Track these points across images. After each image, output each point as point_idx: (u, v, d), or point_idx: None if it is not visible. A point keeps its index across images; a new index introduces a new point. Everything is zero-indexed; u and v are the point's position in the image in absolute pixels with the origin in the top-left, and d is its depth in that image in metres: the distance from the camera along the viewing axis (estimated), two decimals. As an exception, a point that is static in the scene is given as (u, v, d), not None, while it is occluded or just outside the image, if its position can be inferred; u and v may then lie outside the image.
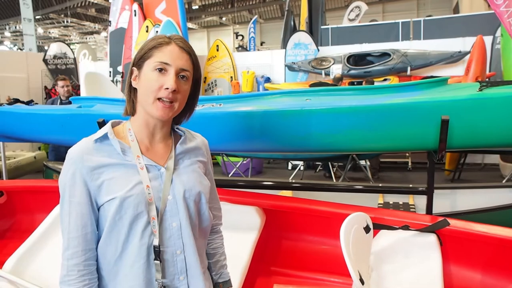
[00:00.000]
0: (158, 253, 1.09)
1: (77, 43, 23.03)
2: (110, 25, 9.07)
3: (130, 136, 1.14)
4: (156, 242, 1.09)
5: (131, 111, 1.17)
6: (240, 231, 2.14)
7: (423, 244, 1.86)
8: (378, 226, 1.88)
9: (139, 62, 1.13)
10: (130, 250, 1.09)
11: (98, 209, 1.10)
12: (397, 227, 1.89)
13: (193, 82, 1.19)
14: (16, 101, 2.51)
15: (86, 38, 24.23)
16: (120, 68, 8.60)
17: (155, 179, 1.12)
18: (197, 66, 1.19)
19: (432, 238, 1.86)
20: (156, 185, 1.11)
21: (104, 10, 22.58)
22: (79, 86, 8.88)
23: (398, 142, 1.99)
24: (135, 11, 8.36)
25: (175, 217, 1.12)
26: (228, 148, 2.22)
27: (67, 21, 22.15)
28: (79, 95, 7.85)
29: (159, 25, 7.71)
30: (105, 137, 1.12)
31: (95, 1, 20.33)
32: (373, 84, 6.52)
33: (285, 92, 2.10)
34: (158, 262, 1.10)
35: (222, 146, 2.14)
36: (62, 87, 5.26)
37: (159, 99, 1.10)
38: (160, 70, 1.10)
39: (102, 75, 2.85)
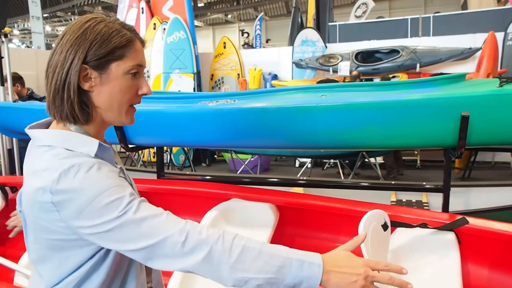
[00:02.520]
0: None
1: (83, 40, 23.08)
2: (117, 23, 9.06)
3: None
4: None
5: (86, 119, 0.95)
6: (254, 228, 2.12)
7: (441, 242, 1.83)
8: (396, 224, 1.85)
9: (100, 61, 0.92)
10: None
11: None
12: (415, 225, 1.86)
13: None
14: (30, 97, 2.50)
15: (92, 36, 24.26)
16: (127, 66, 8.60)
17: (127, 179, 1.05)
18: None
19: (450, 236, 1.83)
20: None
21: (110, 8, 22.62)
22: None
23: (415, 139, 1.96)
24: (142, 8, 8.36)
25: None
26: (242, 144, 2.20)
27: (74, 19, 22.21)
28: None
29: (167, 22, 7.72)
30: (100, 148, 0.95)
31: (102, -1, 20.38)
32: (389, 80, 6.48)
33: (300, 88, 2.08)
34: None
35: (236, 142, 2.12)
36: None
37: (131, 105, 0.98)
38: (135, 74, 0.96)
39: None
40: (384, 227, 1.73)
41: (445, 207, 2.20)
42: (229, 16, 26.11)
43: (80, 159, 0.87)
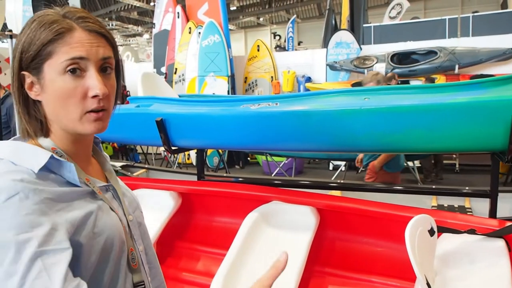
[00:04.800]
0: None
1: (120, 45, 23.77)
2: (154, 27, 9.31)
3: (61, 157, 0.79)
4: (139, 277, 0.86)
5: (41, 132, 0.81)
6: (295, 231, 2.12)
7: (490, 249, 1.77)
8: (442, 229, 1.81)
9: (32, 64, 0.77)
10: None
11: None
12: (463, 231, 1.82)
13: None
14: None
15: (129, 40, 24.93)
16: (163, 69, 8.81)
17: (113, 201, 0.87)
18: (115, 46, 0.86)
19: (500, 243, 1.77)
20: (117, 208, 0.87)
21: (145, 13, 23.19)
22: (125, 86, 9.16)
23: (462, 142, 1.91)
24: (178, 13, 8.54)
25: (139, 239, 0.91)
26: (284, 147, 2.21)
27: (111, 24, 22.89)
28: (126, 95, 8.10)
29: (202, 26, 7.84)
30: (50, 163, 0.76)
31: (137, 5, 20.91)
32: (433, 82, 6.34)
33: (342, 91, 2.07)
34: None
35: (279, 145, 2.14)
36: None
37: (88, 111, 0.79)
38: (74, 71, 0.76)
39: (157, 75, 2.93)
40: (431, 232, 1.70)
41: (493, 213, 2.14)
42: (261, 19, 26.21)
43: (6, 182, 0.70)
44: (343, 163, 6.81)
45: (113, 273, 0.80)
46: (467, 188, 2.65)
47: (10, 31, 4.17)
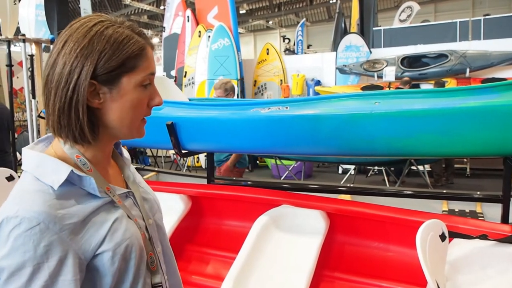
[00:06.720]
0: None
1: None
2: (164, 31, 9.38)
3: (84, 165, 0.81)
4: (157, 279, 0.89)
5: (93, 139, 0.82)
6: (304, 235, 2.12)
7: (502, 255, 1.75)
8: (454, 235, 1.80)
9: (110, 75, 0.79)
10: None
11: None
12: (474, 236, 1.80)
13: None
14: None
15: (138, 44, 25.12)
16: (173, 73, 8.86)
17: (132, 208, 0.89)
18: None
19: (512, 249, 1.76)
20: (136, 214, 0.88)
21: (155, 16, 23.38)
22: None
23: (474, 147, 1.90)
24: (188, 16, 8.59)
25: (157, 241, 0.94)
26: (294, 151, 2.21)
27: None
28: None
29: (211, 30, 7.88)
30: (71, 177, 0.78)
31: (148, 8, 21.09)
32: (443, 85, 6.31)
33: (353, 95, 2.07)
34: None
35: (289, 149, 2.14)
36: None
37: (142, 119, 0.87)
38: (148, 84, 0.84)
39: (167, 78, 2.95)
40: (442, 237, 1.69)
41: (505, 218, 2.11)
42: (270, 22, 26.27)
43: (30, 211, 0.71)
44: (352, 167, 6.79)
45: (133, 279, 0.83)
46: (478, 192, 2.62)
47: (23, 35, 4.23)
